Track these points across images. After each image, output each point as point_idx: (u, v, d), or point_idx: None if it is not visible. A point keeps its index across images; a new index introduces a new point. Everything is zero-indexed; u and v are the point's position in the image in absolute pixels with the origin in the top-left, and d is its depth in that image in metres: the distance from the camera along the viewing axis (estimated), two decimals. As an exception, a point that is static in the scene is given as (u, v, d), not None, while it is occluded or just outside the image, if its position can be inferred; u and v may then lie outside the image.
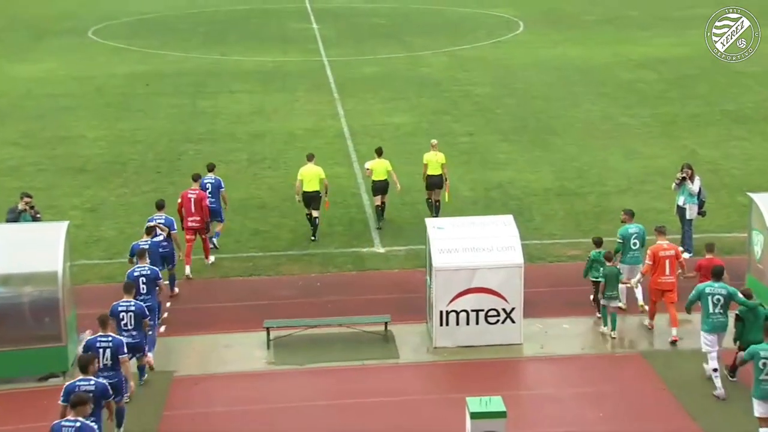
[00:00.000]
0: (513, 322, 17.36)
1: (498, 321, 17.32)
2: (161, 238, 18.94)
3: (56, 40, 49.13)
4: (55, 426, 12.01)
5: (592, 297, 18.64)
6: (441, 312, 17.26)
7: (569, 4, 60.25)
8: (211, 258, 21.25)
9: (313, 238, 22.53)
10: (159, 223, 19.17)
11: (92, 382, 13.08)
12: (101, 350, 14.27)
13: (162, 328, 18.04)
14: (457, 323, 17.28)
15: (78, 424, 11.89)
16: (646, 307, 18.39)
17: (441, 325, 17.30)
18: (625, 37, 47.94)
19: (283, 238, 22.79)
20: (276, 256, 21.73)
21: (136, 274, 16.96)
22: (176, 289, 19.69)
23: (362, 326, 17.90)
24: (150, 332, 16.53)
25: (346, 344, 17.60)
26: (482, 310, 17.27)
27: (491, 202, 24.75)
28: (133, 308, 15.72)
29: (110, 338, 14.41)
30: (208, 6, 62.29)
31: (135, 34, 50.97)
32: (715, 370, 15.73)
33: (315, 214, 22.38)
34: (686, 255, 20.35)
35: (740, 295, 15.75)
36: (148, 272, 16.99)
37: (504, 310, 17.31)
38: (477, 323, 17.30)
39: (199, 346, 17.76)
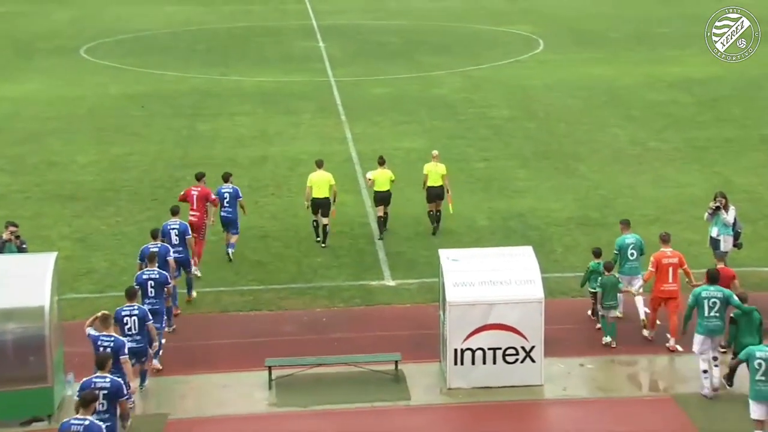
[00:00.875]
0: (533, 361, 17.30)
1: (517, 360, 17.26)
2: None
3: (46, 59, 49.51)
4: (63, 424, 12.84)
5: (590, 311, 19.78)
6: (455, 350, 17.22)
7: (594, 20, 60.49)
8: (197, 271, 21.75)
9: (323, 245, 23.76)
10: (173, 228, 20.52)
11: (108, 380, 14.10)
12: (102, 349, 15.34)
13: (156, 363, 18.02)
14: (473, 362, 17.23)
15: (87, 422, 12.75)
16: (644, 317, 19.29)
17: (455, 364, 17.25)
18: (655, 56, 48.08)
19: (287, 270, 22.81)
20: (278, 290, 21.74)
21: (144, 277, 18.15)
22: (194, 293, 20.97)
23: (371, 365, 17.87)
24: (158, 335, 17.60)
25: (354, 384, 17.56)
26: (500, 349, 17.22)
27: (510, 233, 24.76)
28: (136, 312, 16.75)
29: (112, 338, 15.53)
30: (207, 23, 62.76)
31: (129, 53, 51.32)
32: (704, 371, 16.90)
33: (324, 221, 23.69)
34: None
35: (735, 298, 16.86)
36: (157, 276, 18.15)
37: (523, 348, 17.25)
38: (494, 362, 17.24)
39: (195, 386, 17.74)
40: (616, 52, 49.50)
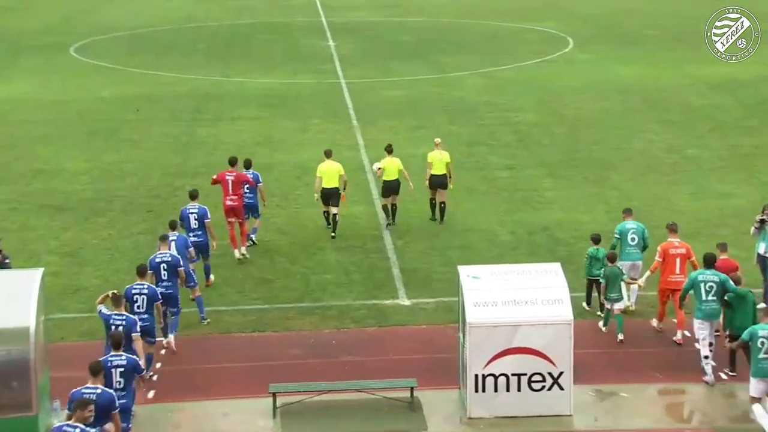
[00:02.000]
0: (561, 389, 17.22)
1: (543, 387, 17.19)
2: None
3: (33, 58, 49.74)
4: (75, 393, 14.41)
5: (585, 303, 20.95)
6: (476, 376, 17.16)
7: (628, 16, 60.48)
8: (244, 250, 24.00)
9: (333, 234, 25.16)
10: (192, 213, 22.07)
11: (123, 357, 15.62)
12: (114, 327, 16.70)
13: (150, 394, 18.03)
14: (496, 389, 17.16)
15: (99, 390, 14.41)
16: (632, 307, 20.70)
17: (476, 391, 17.19)
18: (696, 55, 47.87)
19: (293, 288, 22.80)
20: (284, 309, 21.73)
21: (157, 260, 19.58)
22: (212, 277, 22.48)
23: (384, 392, 17.82)
24: (173, 317, 19.54)
25: (366, 413, 17.51)
26: (525, 375, 17.15)
27: (535, 248, 24.69)
28: (146, 291, 18.21)
29: (124, 317, 16.95)
30: (209, 20, 63.00)
31: (124, 52, 51.52)
32: (706, 357, 18.13)
33: (334, 211, 25.13)
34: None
35: (731, 283, 18.09)
36: (170, 259, 19.61)
37: (550, 374, 17.18)
38: (519, 390, 17.17)
39: (193, 414, 17.71)
40: (653, 51, 49.43)
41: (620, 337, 19.69)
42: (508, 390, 17.15)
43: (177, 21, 61.87)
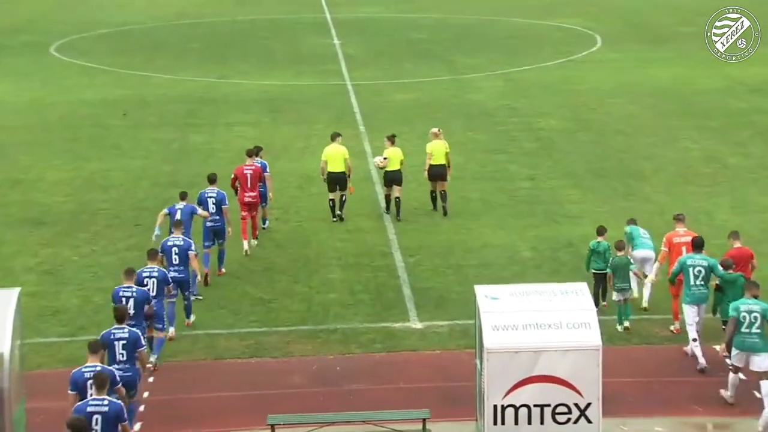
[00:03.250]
0: (589, 421, 17.12)
1: (569, 420, 17.09)
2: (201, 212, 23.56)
3: (10, 58, 49.94)
4: (75, 373, 15.67)
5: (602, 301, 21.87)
6: (495, 407, 17.07)
7: (661, 12, 60.57)
8: (254, 242, 25.64)
9: (339, 214, 27.01)
10: (211, 197, 23.81)
11: (126, 330, 17.00)
12: (124, 300, 18.33)
13: (137, 426, 17.98)
14: (516, 422, 17.08)
15: (98, 368, 15.56)
16: (647, 305, 21.81)
17: (495, 423, 17.10)
18: (736, 54, 48.00)
19: (294, 309, 22.78)
20: (284, 333, 21.71)
21: (169, 243, 21.26)
22: (223, 269, 24.08)
23: (394, 424, 17.79)
24: (186, 302, 21.24)
25: (373, 448, 17.49)
26: (548, 406, 17.05)
27: (559, 266, 24.64)
28: (156, 274, 19.65)
29: (134, 288, 18.62)
30: (204, 16, 63.23)
31: (110, 51, 51.69)
32: (694, 339, 19.57)
33: (341, 194, 27.06)
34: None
35: (720, 268, 19.49)
36: (181, 243, 21.27)
37: (577, 405, 17.08)
38: (542, 422, 17.07)
39: (184, 448, 17.72)
40: (689, 51, 49.37)
41: (626, 324, 21.11)
42: (530, 422, 17.05)
43: (168, 17, 62.08)
